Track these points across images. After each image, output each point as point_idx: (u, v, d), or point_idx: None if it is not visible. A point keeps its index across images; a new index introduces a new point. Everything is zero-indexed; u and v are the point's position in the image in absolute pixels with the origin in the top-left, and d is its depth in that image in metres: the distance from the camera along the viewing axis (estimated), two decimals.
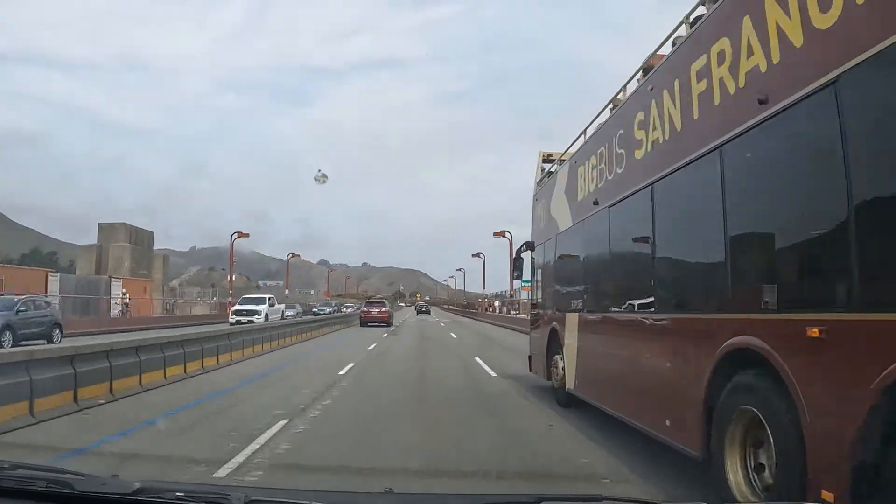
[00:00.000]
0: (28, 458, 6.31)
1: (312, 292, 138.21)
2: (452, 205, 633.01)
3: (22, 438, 7.44)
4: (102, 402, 9.80)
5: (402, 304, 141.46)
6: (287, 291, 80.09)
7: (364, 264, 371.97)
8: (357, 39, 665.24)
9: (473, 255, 75.34)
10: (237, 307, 40.58)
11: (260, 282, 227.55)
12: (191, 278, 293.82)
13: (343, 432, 7.90)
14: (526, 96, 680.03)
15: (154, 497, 2.03)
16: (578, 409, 9.07)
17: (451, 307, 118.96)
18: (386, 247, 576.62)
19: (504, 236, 56.71)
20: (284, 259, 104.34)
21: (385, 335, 31.29)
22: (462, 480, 5.83)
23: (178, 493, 2.03)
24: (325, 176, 53.53)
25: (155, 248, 75.21)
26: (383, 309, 43.82)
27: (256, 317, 37.08)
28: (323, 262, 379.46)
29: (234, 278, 59.26)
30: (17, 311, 22.60)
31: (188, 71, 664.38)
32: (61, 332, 24.33)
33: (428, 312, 77.70)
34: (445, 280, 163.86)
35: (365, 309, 45.08)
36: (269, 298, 42.90)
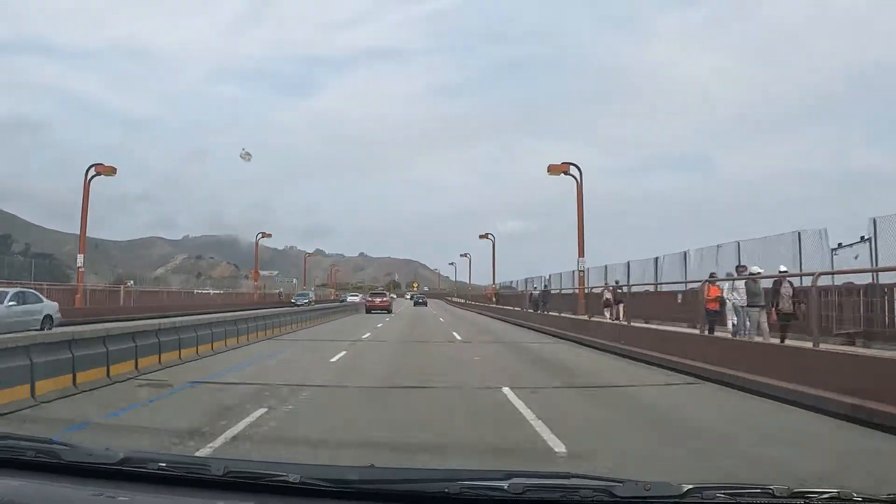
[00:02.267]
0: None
1: (295, 281, 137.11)
2: (452, 196, 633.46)
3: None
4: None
5: (394, 296, 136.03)
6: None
7: (361, 254, 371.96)
8: (360, 29, 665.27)
9: (461, 256, 78.23)
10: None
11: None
12: (177, 266, 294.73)
13: (375, 349, 19.46)
14: (526, 89, 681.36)
15: (138, 467, 2.18)
16: None
17: (460, 300, 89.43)
18: (383, 237, 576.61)
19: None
20: (279, 248, 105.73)
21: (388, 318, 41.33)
22: None
23: (160, 464, 2.19)
24: (248, 154, 61.77)
25: (147, 235, 76.66)
26: (385, 299, 55.67)
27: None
28: (319, 252, 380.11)
29: (223, 266, 61.18)
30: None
31: (187, 59, 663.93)
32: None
33: (424, 304, 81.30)
34: (436, 268, 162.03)
35: (370, 299, 56.96)
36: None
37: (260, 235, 56.09)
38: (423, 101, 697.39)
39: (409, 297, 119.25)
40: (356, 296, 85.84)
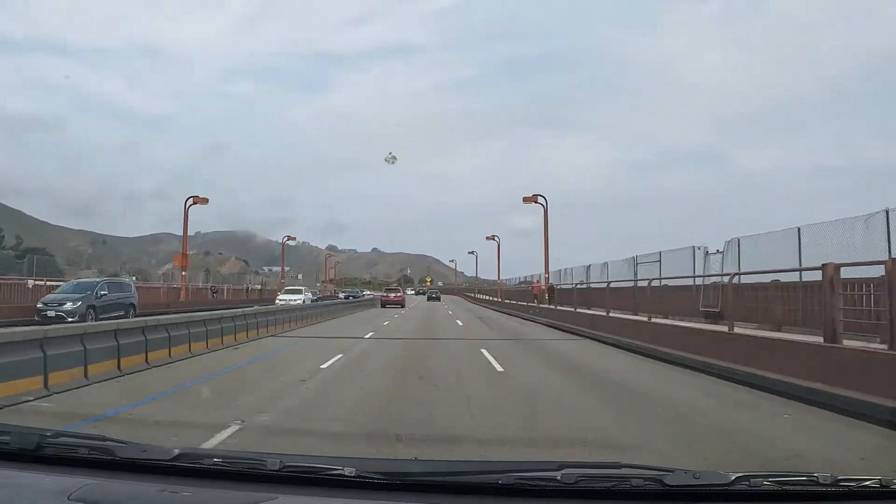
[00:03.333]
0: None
1: (301, 276, 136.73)
2: (466, 191, 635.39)
3: None
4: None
5: (410, 291, 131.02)
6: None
7: (374, 250, 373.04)
8: (369, 26, 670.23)
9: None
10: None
11: (265, 267, 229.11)
12: None
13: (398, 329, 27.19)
14: (539, 83, 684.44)
15: (193, 463, 2.28)
16: None
17: (486, 296, 75.65)
18: (396, 233, 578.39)
19: (493, 240, 72.43)
20: (291, 244, 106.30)
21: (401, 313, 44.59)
22: None
23: (215, 459, 2.29)
24: (394, 157, 62.68)
25: (157, 232, 76.80)
26: (399, 294, 62.24)
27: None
28: (331, 248, 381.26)
29: (232, 262, 61.39)
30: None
31: (200, 58, 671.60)
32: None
33: (438, 299, 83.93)
34: (452, 260, 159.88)
35: (384, 294, 63.46)
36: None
37: (286, 238, 57.21)
38: (436, 96, 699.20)
39: (410, 291, 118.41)
40: (298, 293, 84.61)
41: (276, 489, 2.13)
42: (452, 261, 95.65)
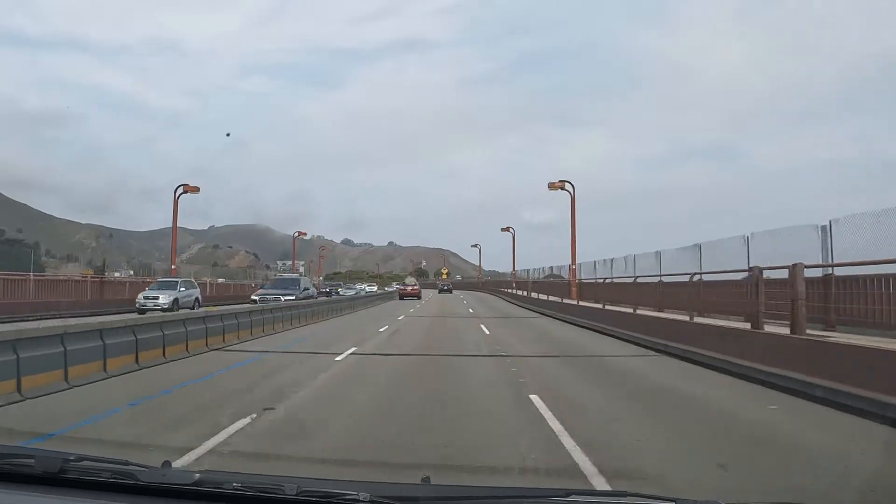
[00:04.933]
0: None
1: (302, 270, 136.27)
2: (482, 185, 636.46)
3: None
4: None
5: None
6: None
7: (390, 244, 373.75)
8: (385, 22, 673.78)
9: (503, 230, 75.58)
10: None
11: (279, 262, 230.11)
12: (193, 256, 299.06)
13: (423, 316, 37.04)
14: (554, 78, 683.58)
15: (212, 488, 2.43)
16: None
17: (522, 291, 58.89)
18: (412, 227, 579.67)
19: (509, 231, 74.10)
20: (306, 238, 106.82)
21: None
22: None
23: (234, 484, 2.43)
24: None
25: (168, 226, 77.85)
26: (415, 287, 73.84)
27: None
28: (347, 242, 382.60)
29: (241, 256, 62.05)
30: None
31: (216, 55, 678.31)
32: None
33: (450, 291, 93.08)
34: (476, 245, 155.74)
35: (401, 287, 75.93)
36: None
37: (296, 233, 57.98)
38: (452, 92, 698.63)
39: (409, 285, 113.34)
40: (354, 288, 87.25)
41: None
42: (476, 245, 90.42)
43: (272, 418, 8.96)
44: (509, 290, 68.43)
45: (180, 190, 45.87)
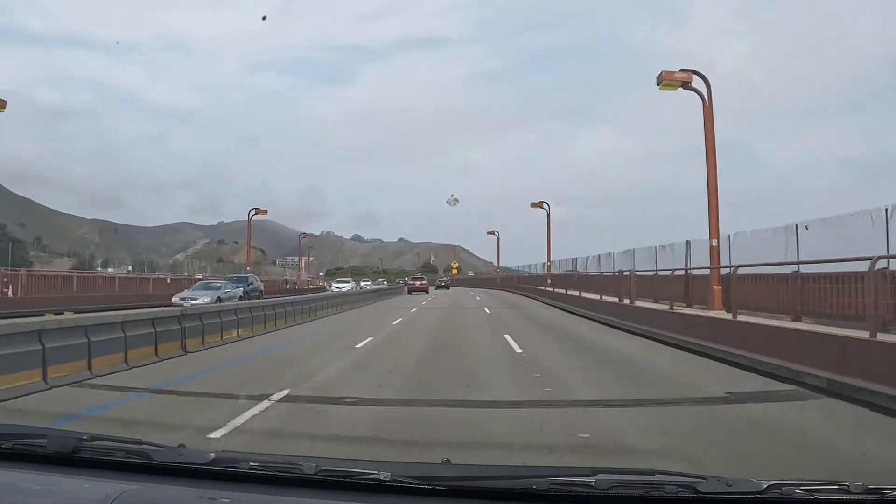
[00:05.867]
0: None
1: (303, 263, 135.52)
2: (493, 182, 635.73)
3: None
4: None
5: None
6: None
7: (400, 240, 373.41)
8: (396, 18, 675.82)
9: (533, 205, 69.58)
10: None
11: (288, 257, 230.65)
12: (199, 251, 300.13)
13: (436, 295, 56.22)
14: (563, 75, 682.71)
15: (228, 467, 2.43)
16: None
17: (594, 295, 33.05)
18: (424, 223, 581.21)
19: (542, 207, 66.30)
20: (316, 234, 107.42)
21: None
22: None
23: (251, 463, 2.43)
24: (456, 200, 78.66)
25: (177, 221, 78.45)
26: (423, 282, 79.28)
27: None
28: (357, 238, 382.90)
29: (249, 254, 64.31)
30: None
31: (225, 51, 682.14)
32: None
33: (447, 287, 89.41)
34: (494, 231, 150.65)
35: (410, 282, 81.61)
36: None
37: (254, 211, 59.62)
38: (462, 88, 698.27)
39: (405, 280, 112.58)
40: (346, 282, 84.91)
41: (312, 493, 2.27)
42: (494, 231, 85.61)
43: None
44: (538, 287, 53.78)
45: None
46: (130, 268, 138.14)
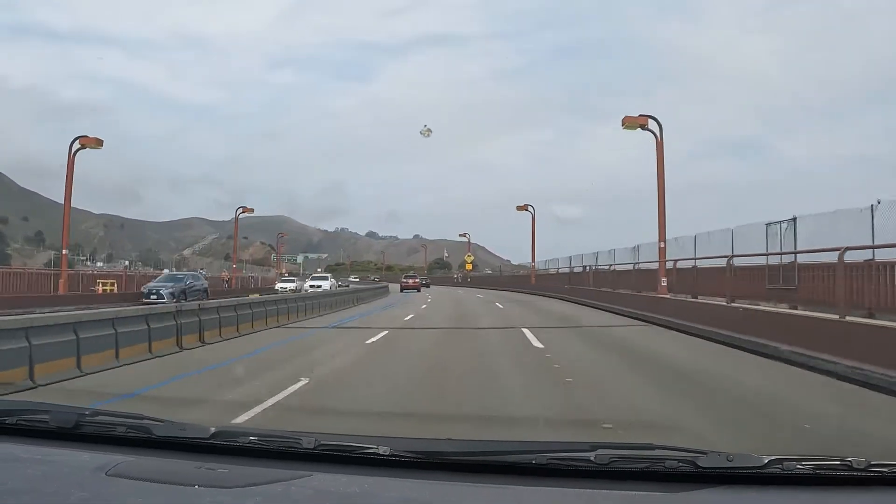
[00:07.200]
0: None
1: (301, 260, 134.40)
2: (510, 179, 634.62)
3: None
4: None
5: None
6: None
7: (416, 236, 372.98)
8: (414, 15, 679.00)
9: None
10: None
11: (301, 254, 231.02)
12: (207, 247, 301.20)
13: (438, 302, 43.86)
14: (582, 72, 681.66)
15: (229, 441, 2.49)
16: None
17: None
18: (440, 221, 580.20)
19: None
20: (329, 231, 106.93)
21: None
22: None
23: (251, 437, 2.50)
24: (430, 130, 75.14)
25: (188, 216, 78.58)
26: (416, 280, 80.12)
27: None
28: (371, 234, 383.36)
29: (256, 247, 64.67)
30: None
31: (242, 48, 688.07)
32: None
33: (418, 289, 74.04)
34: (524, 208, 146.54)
35: (404, 280, 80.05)
36: None
37: (240, 211, 61.60)
38: (480, 85, 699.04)
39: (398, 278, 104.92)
40: (291, 281, 72.28)
41: (312, 467, 2.31)
42: (529, 207, 75.55)
43: None
44: (587, 287, 40.14)
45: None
46: (127, 263, 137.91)
